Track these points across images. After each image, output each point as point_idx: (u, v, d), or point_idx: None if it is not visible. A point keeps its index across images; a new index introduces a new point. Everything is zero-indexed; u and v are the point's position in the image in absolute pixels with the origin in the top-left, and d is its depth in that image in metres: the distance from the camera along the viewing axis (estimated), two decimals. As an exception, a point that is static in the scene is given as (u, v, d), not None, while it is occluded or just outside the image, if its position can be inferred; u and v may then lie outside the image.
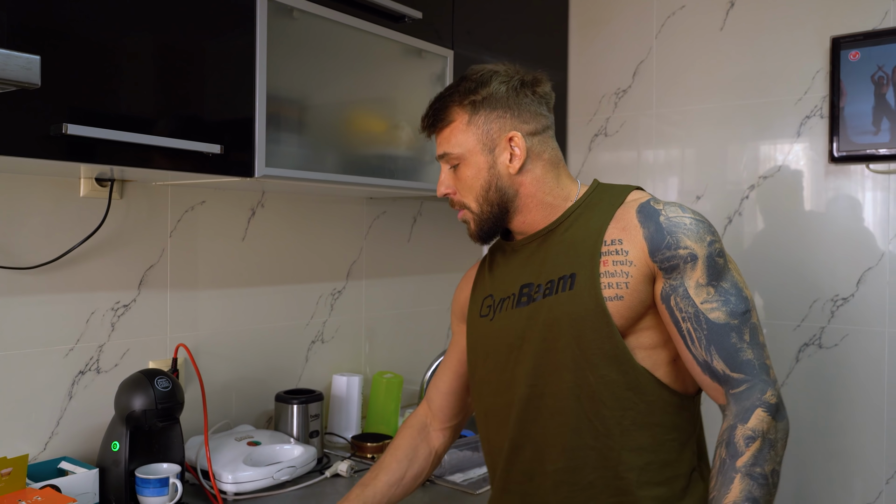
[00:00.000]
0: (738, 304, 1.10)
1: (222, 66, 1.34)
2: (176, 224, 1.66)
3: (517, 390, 1.18)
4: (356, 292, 2.11)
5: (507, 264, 1.25)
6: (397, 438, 1.38)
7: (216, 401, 1.75)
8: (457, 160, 1.19)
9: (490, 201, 1.18)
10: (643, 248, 1.11)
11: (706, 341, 1.09)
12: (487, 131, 1.17)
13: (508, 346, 1.19)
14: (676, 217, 1.11)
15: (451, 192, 1.21)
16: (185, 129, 1.28)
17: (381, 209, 2.18)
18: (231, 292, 1.79)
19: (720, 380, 1.10)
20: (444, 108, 1.19)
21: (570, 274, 1.14)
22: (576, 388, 1.13)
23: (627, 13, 2.32)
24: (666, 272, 1.11)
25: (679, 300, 1.10)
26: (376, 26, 1.62)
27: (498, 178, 1.18)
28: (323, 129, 1.55)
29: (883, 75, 1.85)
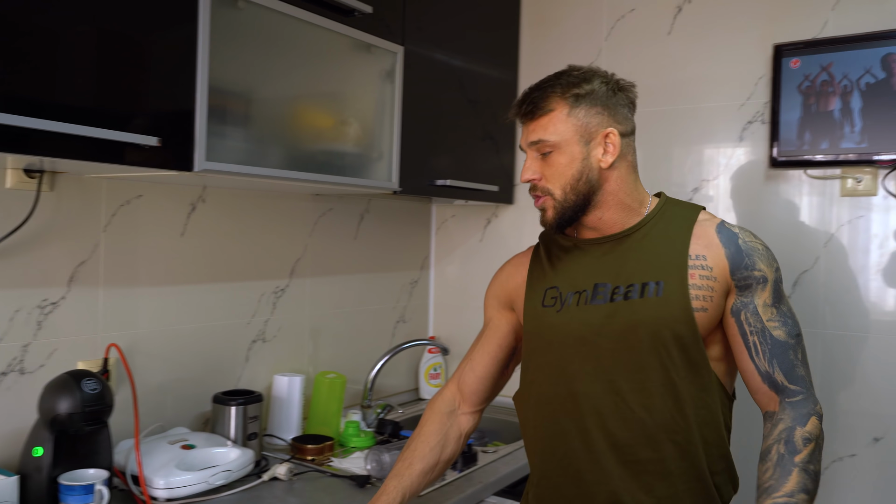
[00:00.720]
0: (794, 327, 1.26)
1: (162, 55, 1.28)
2: (110, 218, 1.59)
3: (589, 383, 1.25)
4: (300, 290, 2.06)
5: (575, 260, 1.31)
6: (427, 425, 1.41)
7: (150, 403, 1.69)
8: (551, 148, 1.23)
9: (577, 191, 1.24)
10: (725, 266, 1.24)
11: (770, 354, 1.24)
12: (586, 124, 1.24)
13: (580, 339, 1.26)
14: (752, 242, 1.26)
15: (536, 179, 1.26)
16: (122, 121, 1.21)
17: (327, 206, 2.13)
18: (169, 290, 1.72)
19: (778, 389, 1.25)
20: (545, 98, 1.24)
21: (658, 281, 1.24)
22: (661, 387, 1.23)
23: (578, 14, 2.33)
24: (740, 290, 1.25)
25: (749, 315, 1.24)
26: (325, 19, 1.57)
27: (589, 170, 1.24)
28: (268, 123, 1.50)
29: (824, 81, 1.90)
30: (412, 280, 2.50)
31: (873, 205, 1.92)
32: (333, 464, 1.76)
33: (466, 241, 2.55)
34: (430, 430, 1.39)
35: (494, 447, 1.95)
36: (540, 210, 1.28)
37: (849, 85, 1.87)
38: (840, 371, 1.95)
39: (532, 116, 1.25)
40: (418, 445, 1.38)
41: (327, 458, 1.79)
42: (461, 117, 2.14)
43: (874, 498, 1.92)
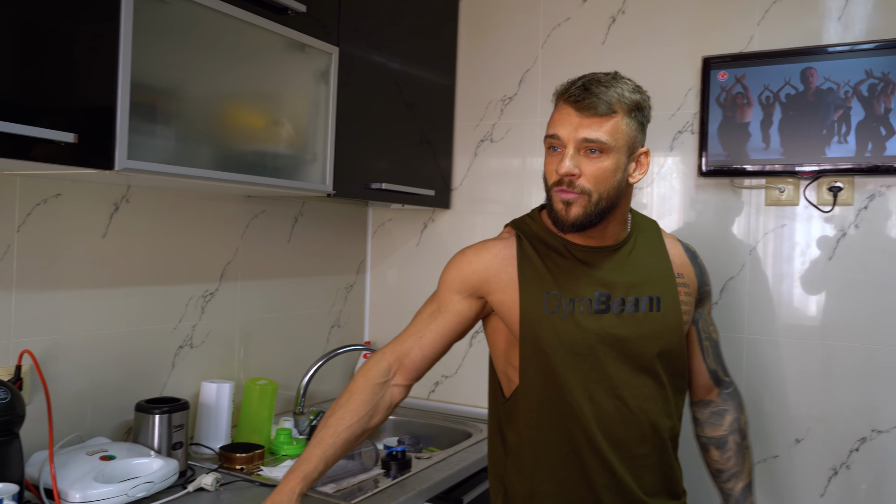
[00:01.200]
0: (717, 329, 1.52)
1: (82, 46, 1.22)
2: (25, 218, 1.51)
3: (594, 389, 1.31)
4: (230, 294, 2.01)
5: (574, 267, 1.33)
6: (358, 393, 1.34)
7: (68, 412, 1.61)
8: (603, 150, 1.23)
9: (610, 199, 1.26)
10: (695, 284, 1.43)
11: (714, 354, 1.49)
12: (634, 138, 1.26)
13: (587, 347, 1.31)
14: (702, 260, 1.47)
15: (577, 175, 1.23)
16: (36, 115, 1.15)
17: (259, 208, 2.08)
18: (89, 293, 1.65)
19: (718, 382, 1.51)
20: (611, 98, 1.22)
21: (655, 297, 1.34)
22: (654, 392, 1.35)
23: (515, 21, 2.34)
24: (700, 302, 1.45)
25: (702, 323, 1.47)
26: (257, 17, 1.53)
27: (623, 182, 1.28)
28: (196, 121, 1.45)
29: (739, 93, 1.96)
30: (347, 284, 2.47)
31: (796, 214, 1.99)
32: (263, 472, 1.71)
33: (403, 246, 2.53)
34: (360, 398, 1.34)
35: (429, 453, 1.94)
36: (563, 204, 1.25)
37: (770, 97, 1.93)
38: (763, 375, 2.01)
39: (595, 112, 1.22)
40: (346, 414, 1.32)
41: (257, 467, 1.74)
42: (398, 121, 2.12)
43: (796, 498, 1.98)
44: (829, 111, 1.87)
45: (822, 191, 1.94)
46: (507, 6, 2.35)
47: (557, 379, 1.31)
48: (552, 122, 1.28)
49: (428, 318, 1.39)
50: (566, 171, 1.23)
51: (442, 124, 2.38)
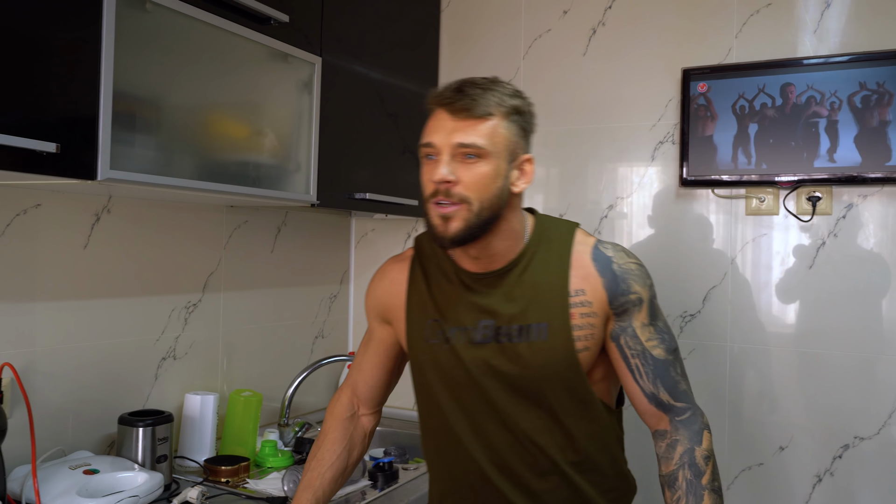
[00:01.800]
0: (671, 342, 1.26)
1: (63, 55, 1.21)
2: (4, 229, 1.49)
3: (482, 420, 1.24)
4: (213, 305, 2.00)
5: (458, 293, 1.25)
6: (331, 432, 1.40)
7: (50, 426, 1.59)
8: (481, 155, 1.13)
9: (492, 208, 1.15)
10: (603, 297, 1.21)
11: (653, 375, 1.23)
12: (515, 143, 1.17)
13: (469, 378, 1.23)
14: (626, 263, 1.24)
15: (453, 182, 1.12)
16: (16, 124, 1.14)
17: (242, 218, 2.07)
18: (71, 305, 1.63)
19: (665, 409, 1.25)
20: (487, 101, 1.13)
21: (541, 323, 1.21)
22: (549, 425, 1.23)
23: (496, 32, 2.36)
24: (618, 315, 1.23)
25: (628, 339, 1.23)
26: (239, 27, 1.53)
27: (505, 190, 1.17)
28: (179, 131, 1.45)
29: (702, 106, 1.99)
30: (331, 295, 2.46)
31: (775, 223, 2.02)
32: (249, 485, 1.70)
33: (387, 255, 2.50)
34: (334, 437, 1.40)
35: (416, 464, 1.93)
36: (441, 219, 1.14)
37: (746, 107, 1.96)
38: (746, 383, 2.03)
39: (469, 114, 1.13)
40: (325, 454, 1.38)
41: (242, 480, 1.73)
42: (381, 131, 2.13)
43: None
44: (809, 121, 1.90)
45: (802, 200, 1.97)
46: (488, 17, 2.37)
47: (441, 411, 1.27)
48: (426, 129, 1.18)
49: (363, 349, 1.44)
50: (441, 177, 1.12)
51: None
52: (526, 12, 2.32)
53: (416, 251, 1.34)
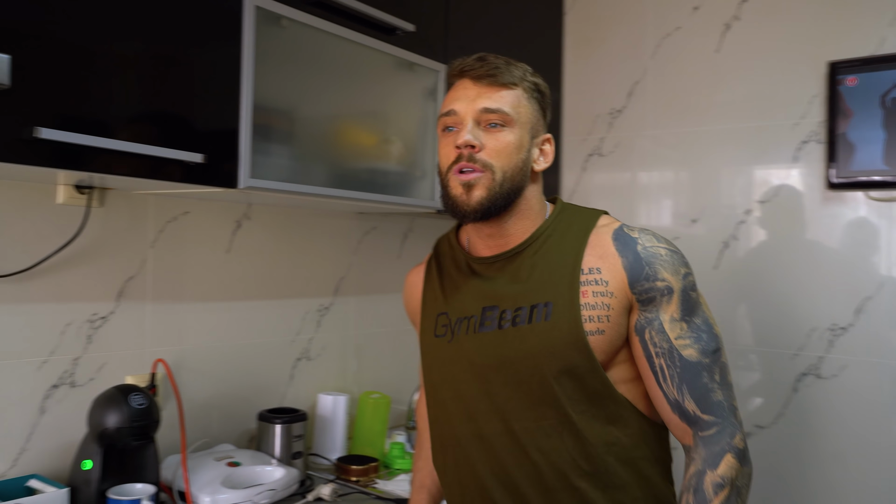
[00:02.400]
0: (710, 342, 1.07)
1: (208, 73, 1.30)
2: (158, 234, 1.62)
3: (487, 423, 1.12)
4: (344, 309, 2.07)
5: (465, 281, 1.17)
6: (419, 474, 1.36)
7: (197, 418, 1.70)
8: (506, 123, 1.08)
9: (514, 180, 1.09)
10: (623, 278, 1.07)
11: (678, 379, 1.05)
12: (537, 119, 1.14)
13: (472, 373, 1.13)
14: (652, 247, 1.08)
15: (477, 148, 1.07)
16: (168, 137, 1.24)
17: (371, 224, 2.14)
18: (214, 306, 1.74)
19: (689, 420, 1.06)
20: (512, 72, 1.10)
21: (546, 302, 1.08)
22: (558, 425, 1.07)
23: (623, 33, 2.30)
24: (643, 304, 1.07)
25: (654, 334, 1.06)
26: (368, 38, 1.59)
27: (528, 163, 1.12)
28: (312, 141, 1.51)
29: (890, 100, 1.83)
30: (456, 301, 2.48)
31: (938, 222, 1.83)
32: (378, 485, 1.74)
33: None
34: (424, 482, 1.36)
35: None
36: (464, 187, 1.07)
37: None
38: (906, 397, 1.85)
39: (494, 80, 1.09)
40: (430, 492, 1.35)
41: (372, 480, 1.77)
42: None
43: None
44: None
45: (970, 197, 1.78)
46: (614, 17, 2.32)
47: (447, 414, 1.17)
48: (447, 99, 1.13)
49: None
50: (465, 141, 1.06)
51: (549, 139, 2.37)
52: (653, 11, 2.25)
53: (434, 251, 1.28)
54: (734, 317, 2.08)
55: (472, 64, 1.11)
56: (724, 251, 2.11)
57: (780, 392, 2.00)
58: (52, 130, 1.06)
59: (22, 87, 1.04)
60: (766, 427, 2.01)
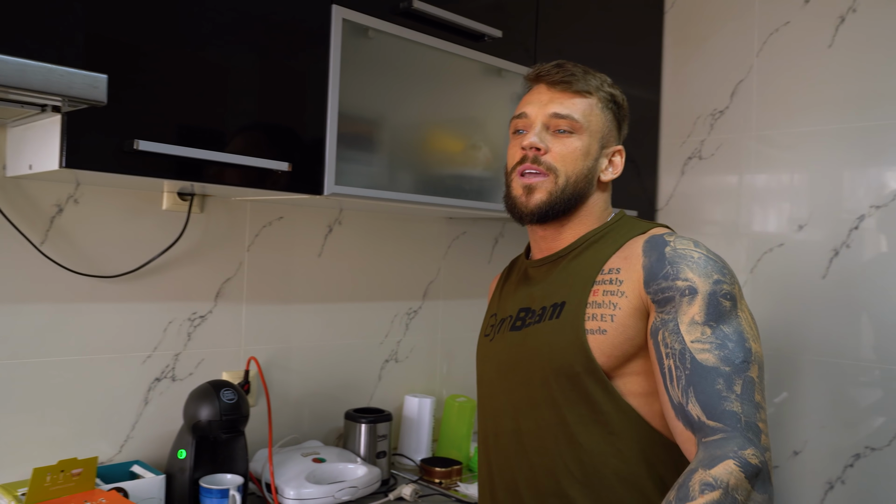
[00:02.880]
0: (736, 353, 0.95)
1: (295, 85, 1.36)
2: (254, 238, 1.70)
3: (502, 421, 1.13)
4: (433, 312, 2.09)
5: (518, 285, 1.21)
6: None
7: (288, 415, 1.77)
8: (574, 130, 1.10)
9: (577, 186, 1.10)
10: (639, 277, 1.02)
11: (685, 381, 0.95)
12: (609, 130, 1.15)
13: (498, 371, 1.16)
14: (684, 249, 1.02)
15: (543, 151, 1.10)
16: (256, 147, 1.30)
17: (461, 229, 2.15)
18: (306, 307, 1.81)
19: (693, 427, 0.94)
20: (588, 81, 1.13)
21: (561, 302, 1.08)
22: (554, 427, 1.05)
23: (726, 30, 2.20)
24: (659, 304, 1.00)
25: (667, 335, 0.98)
26: (455, 45, 1.60)
27: (593, 174, 1.13)
28: (398, 147, 1.54)
29: None
30: (548, 306, 2.46)
31: None
32: (460, 489, 1.75)
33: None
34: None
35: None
36: (524, 189, 1.10)
37: None
38: None
39: (568, 87, 1.11)
40: None
41: (454, 483, 1.79)
42: (598, 140, 2.08)
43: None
44: None
45: None
46: (717, 14, 2.22)
47: (482, 408, 1.20)
48: (521, 103, 1.16)
49: None
50: (531, 143, 1.09)
51: (646, 141, 2.30)
52: (760, 5, 2.13)
53: (517, 257, 1.31)
54: (848, 331, 1.94)
55: (549, 70, 1.14)
56: (834, 259, 1.97)
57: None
58: (149, 143, 1.13)
59: (123, 102, 1.12)
60: (879, 449, 1.86)
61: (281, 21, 1.33)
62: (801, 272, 2.00)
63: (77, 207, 1.43)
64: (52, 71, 0.94)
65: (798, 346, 2.00)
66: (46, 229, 1.40)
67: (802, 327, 2.00)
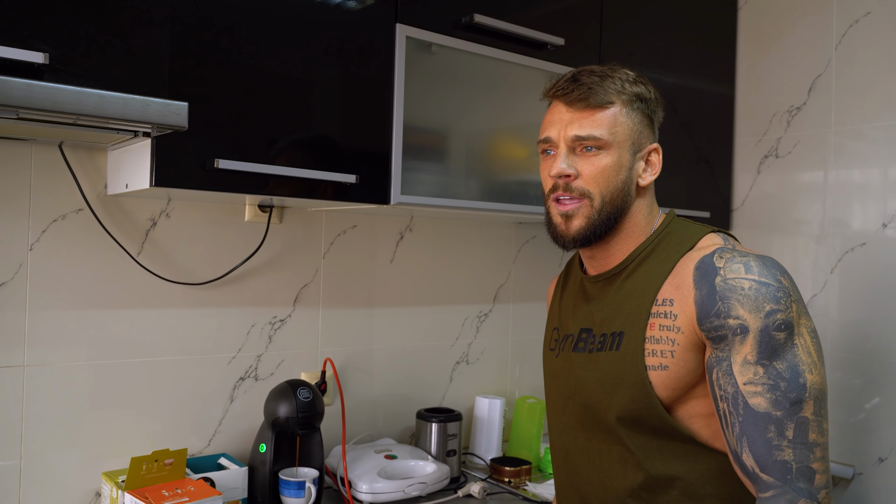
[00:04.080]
0: (789, 392, 0.94)
1: (361, 100, 1.44)
2: (329, 246, 1.80)
3: (572, 439, 1.17)
4: (503, 315, 2.14)
5: (575, 299, 1.21)
6: None
7: (363, 413, 1.86)
8: (601, 146, 1.06)
9: (615, 203, 1.07)
10: (692, 313, 1.01)
11: (739, 429, 0.96)
12: (639, 132, 1.10)
13: (566, 390, 1.18)
14: (735, 279, 0.98)
15: (573, 176, 1.07)
16: (325, 161, 1.39)
17: (530, 234, 2.19)
18: (380, 311, 1.89)
19: (750, 477, 0.97)
20: (605, 88, 1.07)
21: (620, 332, 1.07)
22: (619, 453, 1.08)
23: (803, 24, 2.14)
24: (713, 342, 0.99)
25: (721, 376, 0.98)
26: (516, 55, 1.64)
27: (631, 182, 1.09)
28: (462, 156, 1.60)
29: None
30: (622, 308, 2.45)
31: None
32: (528, 488, 1.79)
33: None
34: None
35: None
36: (563, 217, 1.08)
37: None
38: None
39: (586, 104, 1.06)
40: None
41: (523, 482, 1.82)
42: (673, 140, 2.07)
43: None
44: None
45: None
46: (793, 7, 2.16)
47: (553, 421, 1.22)
48: (543, 124, 1.12)
49: None
50: (559, 171, 1.06)
51: (720, 141, 2.26)
52: (838, -3, 2.07)
53: (569, 263, 1.30)
54: (934, 334, 1.86)
55: (564, 86, 1.09)
56: (923, 260, 1.89)
57: None
58: (228, 161, 1.24)
59: (204, 124, 1.23)
60: None
61: (350, 41, 1.41)
62: (883, 273, 1.93)
63: (169, 221, 1.56)
64: (147, 103, 1.04)
65: (890, 349, 1.93)
66: (142, 241, 1.53)
67: (893, 329, 1.92)
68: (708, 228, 1.12)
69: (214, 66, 1.26)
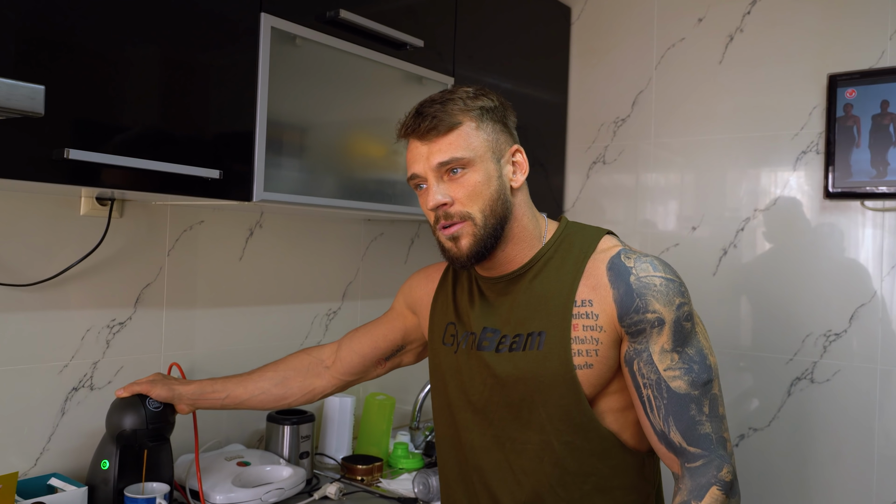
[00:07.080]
0: (701, 373, 1.08)
1: (223, 92, 1.36)
2: (174, 243, 1.68)
3: (477, 435, 1.19)
4: (351, 312, 2.12)
5: (472, 299, 1.23)
6: (290, 359, 1.49)
7: (208, 419, 1.76)
8: (463, 166, 1.10)
9: (496, 214, 1.11)
10: (612, 311, 1.09)
11: (665, 411, 1.07)
12: (495, 140, 1.13)
13: (470, 386, 1.20)
14: (647, 277, 1.08)
15: (449, 203, 1.11)
16: (186, 154, 1.29)
17: (378, 230, 2.19)
18: (227, 311, 1.80)
19: (676, 451, 1.08)
20: (449, 111, 1.11)
21: (540, 332, 1.12)
22: (540, 450, 1.13)
23: (628, 43, 2.34)
24: (632, 336, 1.09)
25: (642, 366, 1.08)
26: (378, 54, 1.64)
27: (504, 189, 1.13)
28: (322, 153, 1.56)
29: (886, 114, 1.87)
30: (461, 303, 2.53)
31: (933, 236, 1.87)
32: (382, 485, 1.80)
33: (515, 266, 2.57)
34: (287, 363, 1.48)
35: None
36: (451, 241, 1.13)
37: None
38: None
39: (437, 132, 1.10)
40: (267, 371, 1.47)
41: (376, 479, 1.83)
42: (511, 145, 2.17)
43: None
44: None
45: (964, 212, 1.82)
46: (619, 28, 2.36)
47: (447, 417, 1.24)
48: (407, 162, 1.17)
49: (374, 320, 1.49)
50: (434, 202, 1.11)
51: (554, 146, 2.41)
52: (658, 22, 2.29)
53: (448, 265, 1.34)
54: (732, 322, 2.13)
55: (412, 123, 1.13)
56: (723, 258, 2.16)
57: (775, 395, 2.05)
58: (80, 151, 1.11)
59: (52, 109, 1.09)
60: (760, 429, 2.06)
61: (214, 30, 1.33)
62: (695, 269, 2.17)
63: (-13, 213, 1.37)
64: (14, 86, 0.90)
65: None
66: (-46, 236, 1.33)
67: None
68: (602, 230, 1.19)
69: (64, 50, 1.12)
